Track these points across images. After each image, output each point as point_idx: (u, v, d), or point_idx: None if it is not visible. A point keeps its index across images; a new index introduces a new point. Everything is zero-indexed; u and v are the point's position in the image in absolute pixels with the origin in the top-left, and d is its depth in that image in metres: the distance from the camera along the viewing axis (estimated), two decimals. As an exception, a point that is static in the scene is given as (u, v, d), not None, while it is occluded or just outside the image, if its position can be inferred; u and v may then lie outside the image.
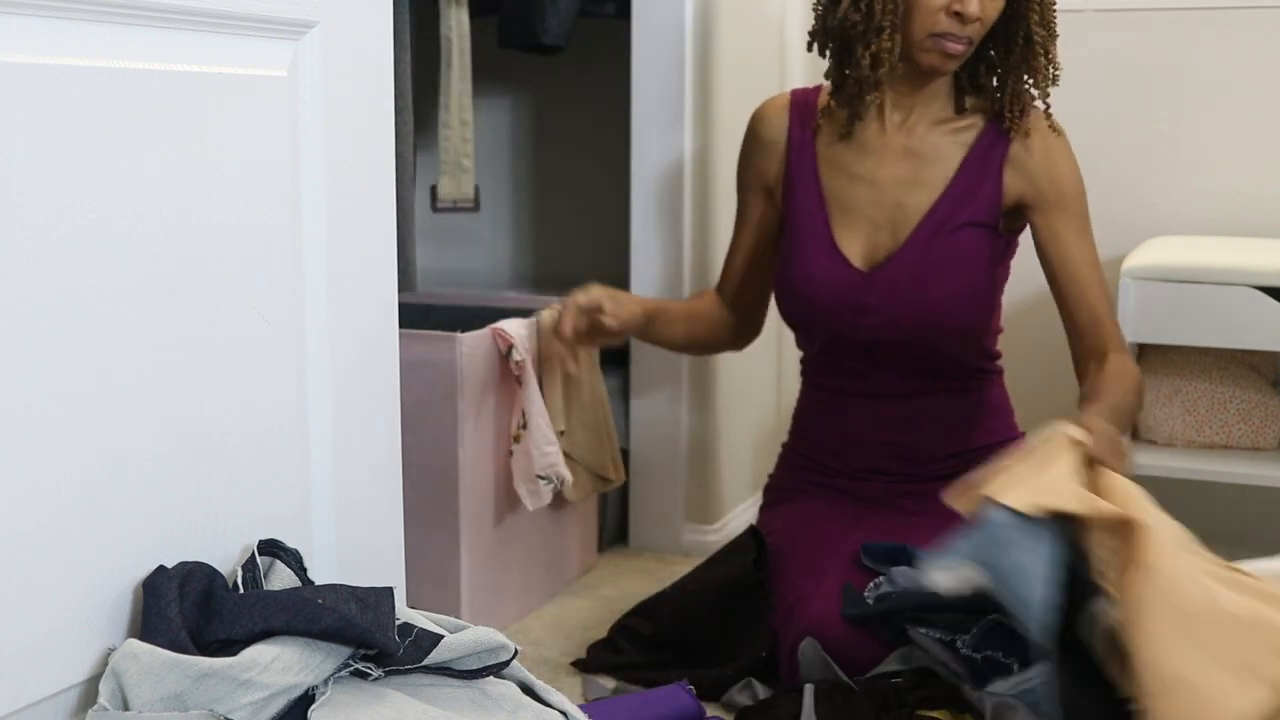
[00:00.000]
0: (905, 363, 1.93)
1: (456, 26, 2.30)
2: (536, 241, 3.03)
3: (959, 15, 1.81)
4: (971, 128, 1.93)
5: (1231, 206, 2.63)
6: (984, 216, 1.90)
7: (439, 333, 2.00)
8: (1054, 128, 1.93)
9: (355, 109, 1.25)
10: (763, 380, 2.65)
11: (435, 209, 2.37)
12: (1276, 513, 2.56)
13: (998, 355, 2.05)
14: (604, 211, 2.82)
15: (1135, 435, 2.43)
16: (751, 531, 1.96)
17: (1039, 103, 1.93)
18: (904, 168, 1.92)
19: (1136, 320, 2.26)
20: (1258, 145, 2.61)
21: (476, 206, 2.39)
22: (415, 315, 2.30)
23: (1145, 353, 2.48)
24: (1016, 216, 1.94)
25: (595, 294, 1.98)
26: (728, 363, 2.49)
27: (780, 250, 2.00)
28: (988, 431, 1.99)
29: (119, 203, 1.03)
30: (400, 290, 1.40)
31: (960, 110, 1.94)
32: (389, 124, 1.30)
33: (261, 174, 1.16)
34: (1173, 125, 2.64)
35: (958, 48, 1.84)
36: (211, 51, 1.11)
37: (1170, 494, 2.61)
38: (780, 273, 1.98)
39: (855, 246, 1.92)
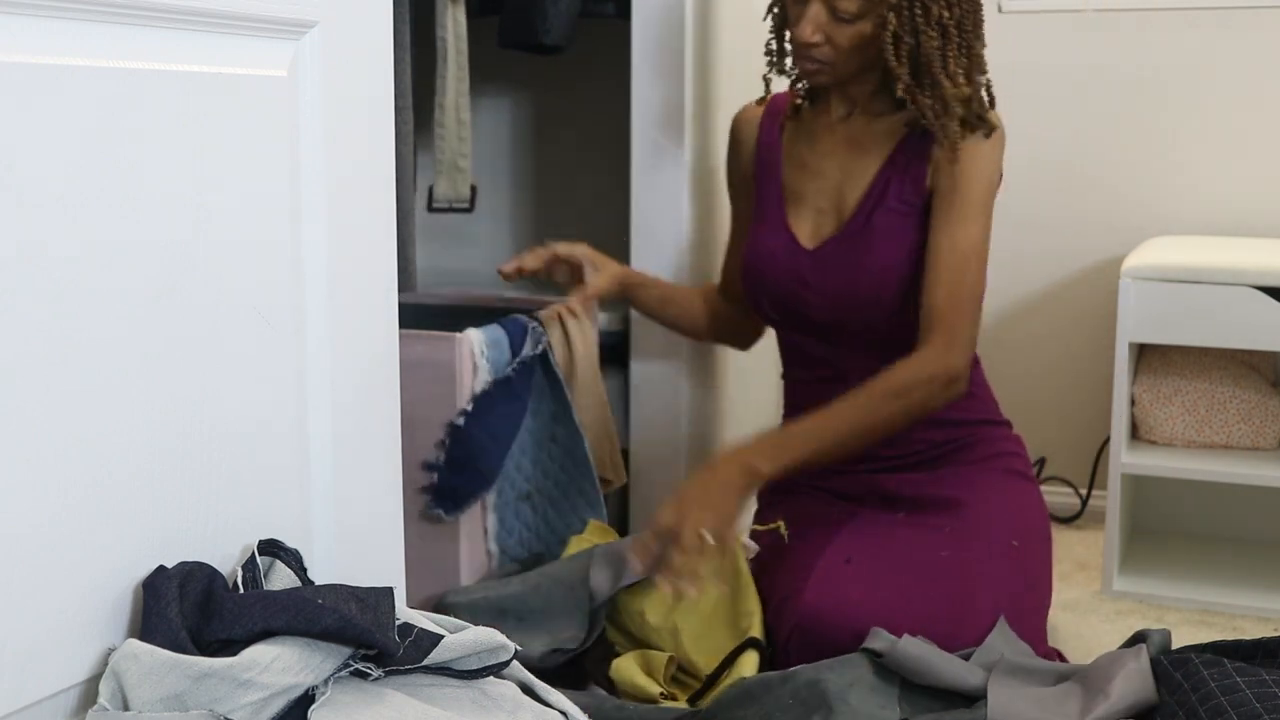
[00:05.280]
0: (859, 344, 1.98)
1: (453, 26, 2.30)
2: (536, 241, 3.02)
3: (797, 40, 1.93)
4: (905, 120, 1.98)
5: (1231, 206, 2.63)
6: (912, 197, 1.96)
7: (439, 333, 2.00)
8: (984, 125, 1.93)
9: (355, 109, 1.25)
10: (763, 381, 2.65)
11: (431, 209, 2.37)
12: (1276, 513, 2.56)
13: None
14: (604, 211, 2.82)
15: (1136, 435, 2.43)
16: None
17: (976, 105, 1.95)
18: (845, 157, 2.01)
19: (1136, 320, 2.26)
20: (1258, 145, 2.61)
21: (471, 207, 2.39)
22: (415, 315, 2.30)
23: (1145, 353, 2.47)
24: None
25: (580, 251, 2.14)
26: (728, 363, 2.49)
27: (747, 241, 2.10)
28: (963, 410, 2.01)
29: (118, 202, 1.04)
30: (400, 290, 1.40)
31: (899, 105, 1.98)
32: (389, 124, 1.30)
33: (261, 174, 1.16)
34: (1173, 125, 2.64)
35: (809, 66, 1.95)
36: (211, 51, 1.11)
37: (1170, 494, 2.61)
38: (744, 259, 2.09)
39: (805, 230, 2.02)
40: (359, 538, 1.30)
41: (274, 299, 1.18)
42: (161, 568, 1.08)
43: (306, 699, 1.05)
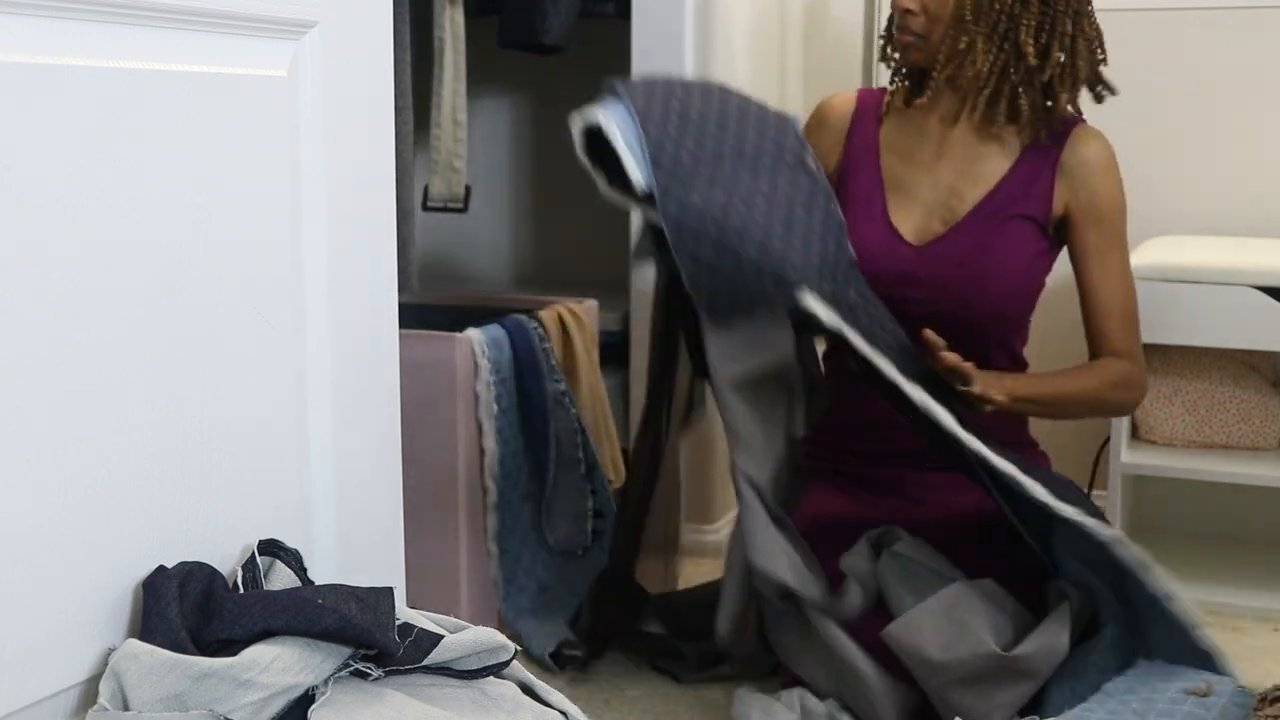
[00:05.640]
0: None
1: (451, 27, 2.30)
2: (536, 241, 3.03)
3: (898, 7, 1.95)
4: (1024, 131, 1.98)
5: (1231, 206, 2.63)
6: (1035, 212, 1.96)
7: (439, 333, 2.00)
8: (1104, 144, 2.00)
9: (355, 109, 1.25)
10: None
11: (425, 208, 2.37)
12: (1276, 513, 2.56)
13: (1024, 364, 2.06)
14: (604, 211, 2.81)
15: (1136, 435, 2.43)
16: None
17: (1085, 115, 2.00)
18: (961, 160, 2.00)
19: (1136, 320, 2.26)
20: (1258, 145, 2.61)
21: (465, 207, 2.39)
22: (415, 315, 2.30)
23: (1145, 352, 2.48)
24: (1063, 227, 1.99)
25: None
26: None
27: None
28: (1004, 429, 2.01)
29: (118, 202, 1.04)
30: (400, 290, 1.40)
31: (1014, 116, 1.98)
32: (389, 124, 1.30)
33: (261, 174, 1.16)
34: (1172, 125, 2.64)
35: (905, 38, 1.96)
36: (211, 51, 1.11)
37: (1170, 494, 2.61)
38: None
39: (908, 225, 1.99)
40: (359, 538, 1.30)
41: (274, 299, 1.18)
42: (161, 568, 1.08)
43: (306, 699, 1.05)
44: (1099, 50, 1.98)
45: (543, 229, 3.03)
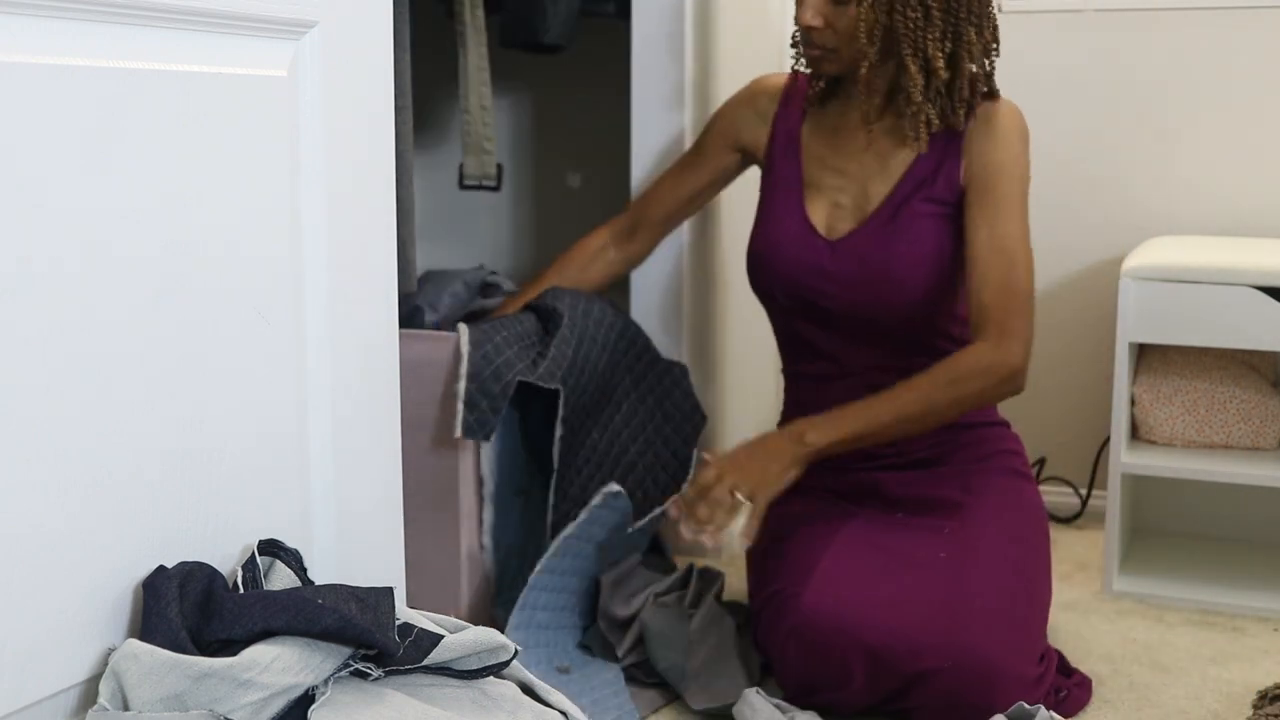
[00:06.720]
0: (870, 339, 1.99)
1: (470, 20, 2.36)
2: (536, 241, 3.03)
3: (800, 24, 1.94)
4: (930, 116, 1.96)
5: (1231, 206, 2.63)
6: (944, 196, 1.96)
7: (439, 333, 2.00)
8: (1007, 113, 1.96)
9: (355, 109, 1.25)
10: (763, 381, 2.65)
11: (462, 186, 2.47)
12: (1276, 513, 2.56)
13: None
14: (604, 211, 2.82)
15: (1136, 435, 2.43)
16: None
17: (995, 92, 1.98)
18: (871, 157, 2.00)
19: (1136, 320, 2.26)
20: (1258, 145, 2.61)
21: (498, 185, 2.49)
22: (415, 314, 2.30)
23: (1145, 353, 2.47)
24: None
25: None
26: (729, 363, 2.49)
27: (754, 223, 2.10)
28: (964, 414, 2.01)
29: (118, 203, 1.04)
30: (400, 290, 1.40)
31: (927, 127, 1.96)
32: (389, 124, 1.30)
33: (261, 174, 1.16)
34: (1173, 125, 2.64)
35: (813, 52, 1.95)
36: (211, 51, 1.11)
37: (1170, 494, 2.61)
38: (752, 242, 2.08)
39: (822, 221, 2.01)
40: (359, 538, 1.30)
41: (274, 299, 1.18)
42: (161, 568, 1.08)
43: (306, 699, 1.05)
44: (995, 53, 1.96)
45: (542, 228, 3.03)
